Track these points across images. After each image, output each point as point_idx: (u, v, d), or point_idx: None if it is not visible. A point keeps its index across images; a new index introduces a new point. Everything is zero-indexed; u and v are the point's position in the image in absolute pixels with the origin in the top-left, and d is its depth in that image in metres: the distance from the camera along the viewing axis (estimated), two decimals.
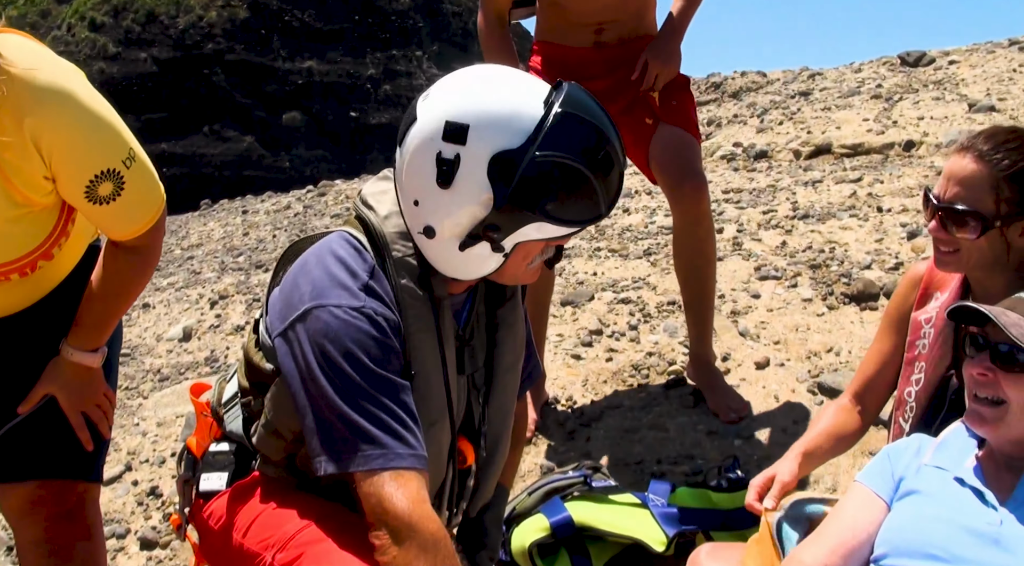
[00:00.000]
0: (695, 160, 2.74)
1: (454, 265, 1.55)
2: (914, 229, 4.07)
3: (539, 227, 1.45)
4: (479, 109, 1.42)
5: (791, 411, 2.83)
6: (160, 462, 3.31)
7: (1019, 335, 1.48)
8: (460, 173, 1.42)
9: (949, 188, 1.73)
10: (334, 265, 1.54)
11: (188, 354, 4.42)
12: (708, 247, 2.84)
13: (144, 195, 1.71)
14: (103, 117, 1.60)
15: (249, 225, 8.30)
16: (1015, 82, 6.39)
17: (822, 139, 6.26)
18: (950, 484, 1.58)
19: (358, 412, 1.46)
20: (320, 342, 1.48)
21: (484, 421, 1.79)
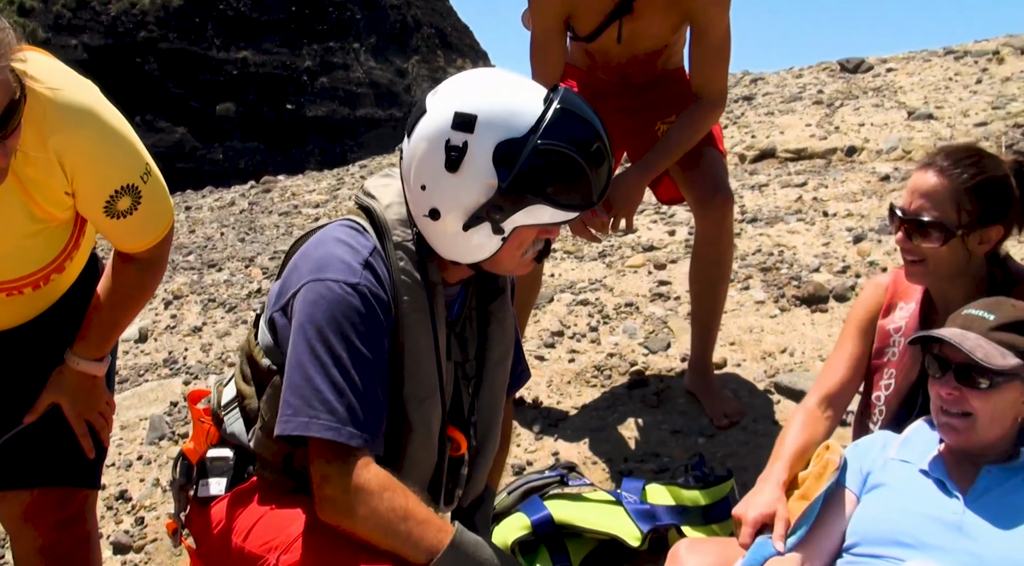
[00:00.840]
0: (724, 175, 2.83)
1: (455, 247, 1.67)
2: (860, 233, 4.24)
3: (537, 211, 1.59)
4: (487, 102, 1.58)
5: (751, 410, 2.96)
6: (127, 465, 3.31)
7: (983, 357, 1.61)
8: (467, 159, 1.57)
9: (914, 201, 1.88)
10: (335, 246, 1.66)
11: (145, 356, 4.40)
12: (725, 262, 2.95)
13: (158, 208, 1.76)
14: (123, 133, 1.64)
15: (194, 222, 8.21)
16: (951, 91, 6.65)
17: (766, 143, 6.45)
18: (915, 476, 1.71)
19: (326, 380, 1.56)
20: (310, 310, 1.59)
21: (474, 412, 1.88)
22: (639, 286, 4.08)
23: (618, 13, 2.67)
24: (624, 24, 2.70)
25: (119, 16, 45.86)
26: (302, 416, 1.56)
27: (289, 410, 1.58)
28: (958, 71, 7.26)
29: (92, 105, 1.58)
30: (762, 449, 2.76)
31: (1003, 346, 1.63)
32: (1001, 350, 1.63)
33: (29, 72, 1.47)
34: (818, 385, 2.07)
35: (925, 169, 1.90)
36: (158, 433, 3.44)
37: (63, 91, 1.54)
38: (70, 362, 1.89)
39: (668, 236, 4.72)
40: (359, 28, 54.08)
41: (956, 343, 1.63)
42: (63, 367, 1.90)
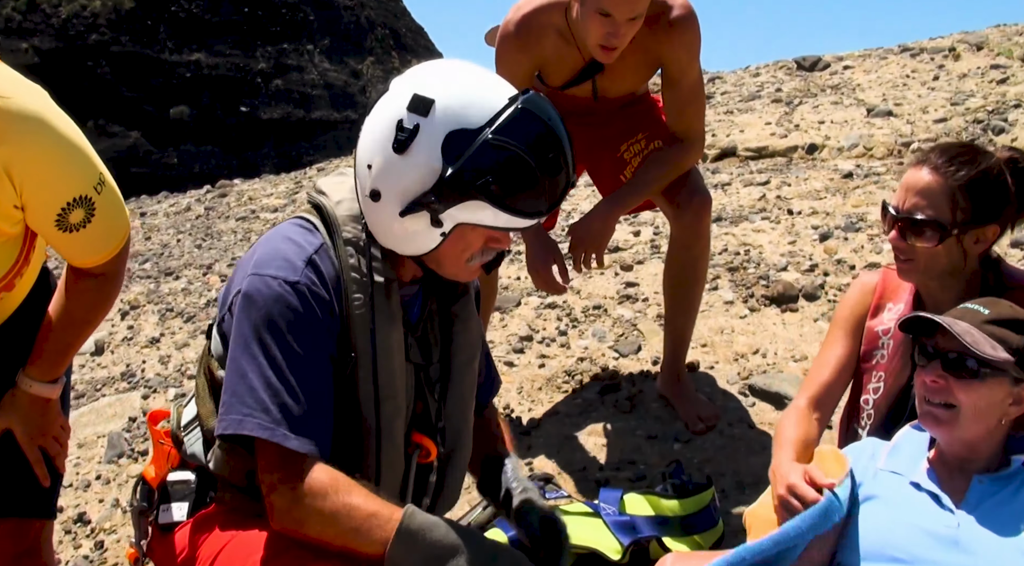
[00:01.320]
0: (699, 177, 2.79)
1: (391, 234, 1.59)
2: (826, 231, 4.23)
3: (479, 209, 1.50)
4: (447, 89, 1.51)
5: (726, 413, 2.92)
6: (85, 486, 3.19)
7: (971, 342, 1.57)
8: (416, 142, 1.49)
9: (908, 199, 1.84)
10: (281, 242, 1.60)
11: (102, 369, 4.27)
12: (701, 265, 2.90)
13: (112, 220, 1.67)
14: (75, 142, 1.55)
15: (149, 228, 8.04)
16: (909, 87, 6.70)
17: (727, 142, 6.44)
18: (906, 488, 1.67)
19: (260, 378, 1.51)
20: (247, 306, 1.54)
21: (441, 417, 1.80)
22: (606, 288, 4.03)
23: (590, 72, 2.64)
24: (597, 80, 2.67)
25: (70, 19, 45.07)
26: (234, 414, 1.51)
27: (223, 409, 1.53)
28: (915, 68, 7.33)
29: (42, 113, 1.49)
30: (739, 453, 2.72)
31: (994, 339, 1.60)
32: (991, 342, 1.59)
33: None
34: (805, 387, 2.03)
35: (919, 166, 1.86)
36: (117, 451, 3.33)
37: (11, 99, 1.44)
38: (22, 384, 1.79)
39: (633, 237, 4.68)
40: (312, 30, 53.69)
41: (946, 325, 1.60)
42: (15, 390, 1.80)
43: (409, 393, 1.72)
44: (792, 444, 1.87)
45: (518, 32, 2.60)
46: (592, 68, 2.61)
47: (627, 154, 2.88)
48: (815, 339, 3.30)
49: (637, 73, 2.68)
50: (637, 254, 4.39)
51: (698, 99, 2.72)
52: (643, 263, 4.25)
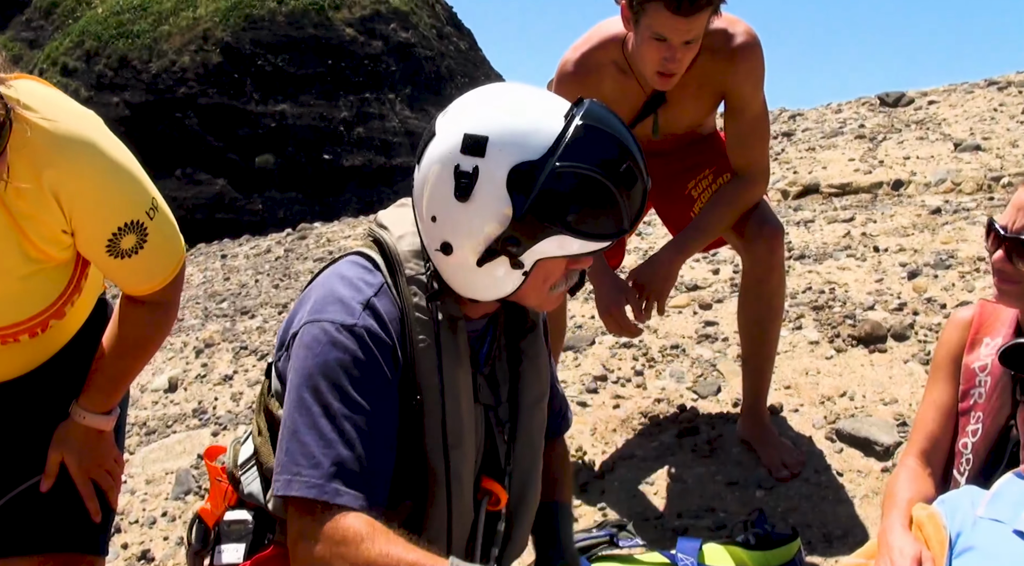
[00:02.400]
0: (768, 208, 2.68)
1: (472, 283, 1.50)
2: (914, 269, 4.03)
3: (559, 241, 1.41)
4: (498, 121, 1.41)
5: (811, 459, 2.75)
6: (151, 523, 3.17)
7: None
8: (479, 186, 1.40)
9: (1019, 219, 1.67)
10: (339, 283, 1.52)
11: (175, 405, 4.28)
12: (777, 300, 2.75)
13: (166, 246, 1.63)
14: (125, 166, 1.52)
15: (229, 270, 8.17)
16: (997, 121, 6.45)
17: (809, 179, 6.27)
18: (1010, 538, 1.51)
19: (312, 431, 1.42)
20: (303, 356, 1.45)
21: (510, 460, 1.70)
22: (684, 327, 3.89)
23: (652, 106, 2.55)
24: (659, 115, 2.58)
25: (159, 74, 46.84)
26: (286, 474, 1.42)
27: (277, 468, 1.45)
28: (1002, 102, 7.07)
29: (91, 136, 1.46)
30: (826, 502, 2.56)
31: None
32: None
33: (23, 101, 1.35)
34: (912, 441, 1.89)
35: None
36: (184, 487, 3.30)
37: (60, 122, 1.42)
38: (75, 416, 1.76)
39: (712, 275, 4.53)
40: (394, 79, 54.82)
41: None
42: (68, 421, 1.76)
43: (479, 437, 1.63)
44: (905, 506, 1.72)
45: (576, 71, 2.52)
46: (654, 102, 2.52)
47: (695, 191, 2.79)
48: (905, 381, 3.11)
49: (699, 104, 2.59)
50: (716, 292, 4.25)
51: (762, 131, 2.61)
52: (722, 302, 4.10)
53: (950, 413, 1.86)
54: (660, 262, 2.54)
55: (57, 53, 45.64)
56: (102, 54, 46.53)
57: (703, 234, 2.60)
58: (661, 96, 2.51)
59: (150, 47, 47.75)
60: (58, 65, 44.29)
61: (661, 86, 2.39)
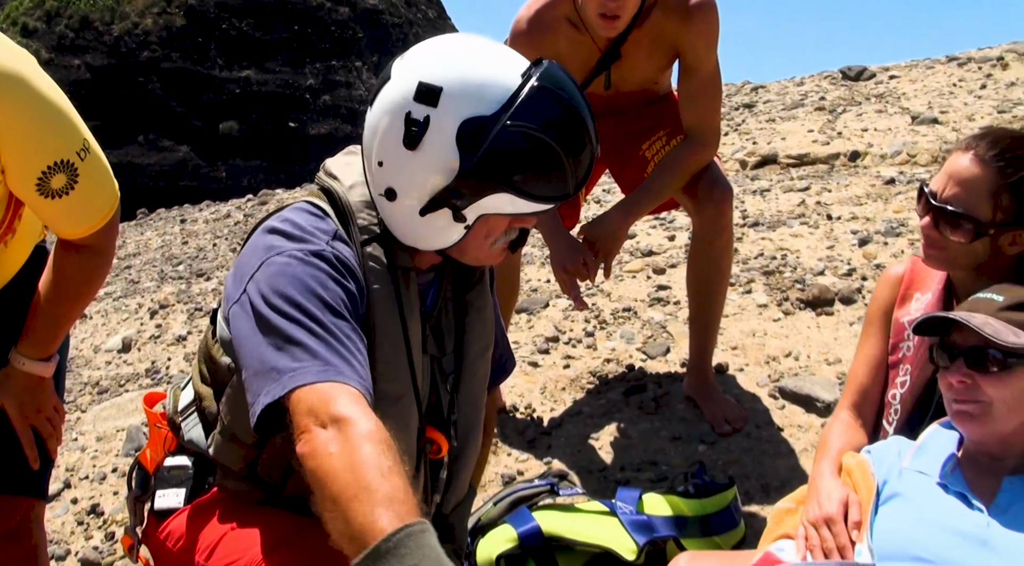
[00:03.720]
0: (719, 170, 2.69)
1: (414, 232, 1.50)
2: (865, 236, 4.10)
3: (503, 199, 1.41)
4: (454, 73, 1.40)
5: (754, 416, 2.81)
6: (101, 478, 3.16)
7: (991, 333, 1.46)
8: (428, 136, 1.39)
9: (948, 187, 1.70)
10: (291, 227, 1.47)
11: (128, 365, 4.26)
12: (725, 261, 2.79)
13: (98, 189, 1.61)
14: (56, 105, 1.50)
15: (188, 234, 8.09)
16: (955, 96, 6.53)
17: (768, 149, 6.31)
18: (933, 488, 1.55)
19: (303, 332, 1.33)
20: (272, 282, 1.38)
21: (454, 410, 1.71)
22: (637, 291, 3.93)
23: (606, 62, 2.56)
24: (612, 70, 2.59)
25: (122, 36, 46.02)
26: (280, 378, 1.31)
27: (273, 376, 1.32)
28: (962, 77, 7.15)
29: (21, 72, 1.44)
30: (766, 456, 2.61)
31: (1014, 325, 1.48)
32: (1013, 329, 1.47)
33: None
34: (845, 394, 1.93)
35: (965, 151, 1.70)
36: (135, 444, 3.29)
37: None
38: (15, 362, 1.75)
39: (668, 241, 4.57)
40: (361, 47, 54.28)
41: (963, 320, 1.48)
42: (8, 368, 1.76)
43: (425, 386, 1.63)
44: (836, 454, 1.77)
45: (530, 29, 2.53)
46: (608, 57, 2.54)
47: (648, 152, 2.80)
48: (850, 342, 3.17)
49: (652, 61, 2.59)
50: (670, 258, 4.29)
51: (713, 93, 2.62)
52: (676, 267, 4.14)
53: (880, 366, 1.90)
54: (609, 221, 2.56)
55: (17, 12, 44.68)
56: (63, 14, 45.60)
57: (653, 195, 2.62)
58: (615, 52, 2.52)
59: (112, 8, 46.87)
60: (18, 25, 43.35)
61: (605, 31, 2.39)
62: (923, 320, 1.59)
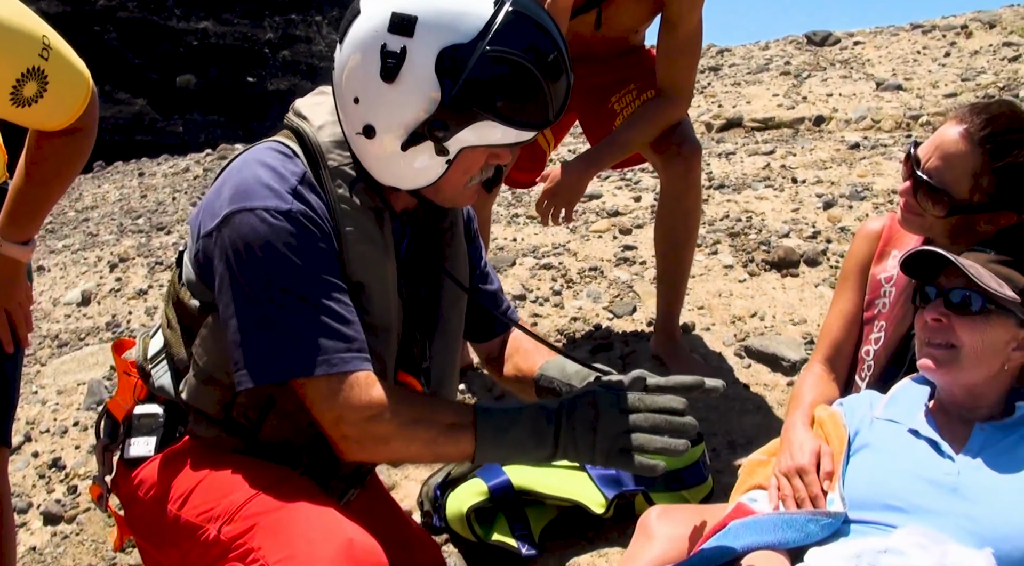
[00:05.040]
0: (689, 127, 2.69)
1: (393, 169, 1.49)
2: (829, 199, 4.14)
3: (486, 128, 1.40)
4: (427, 2, 1.37)
5: (719, 374, 2.83)
6: (62, 432, 3.13)
7: (976, 275, 1.49)
8: (406, 67, 1.37)
9: (932, 158, 1.70)
10: (260, 169, 1.46)
11: (88, 319, 4.20)
12: (692, 219, 2.79)
13: (70, 81, 1.59)
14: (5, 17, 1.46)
15: (146, 188, 7.96)
16: (919, 63, 6.59)
17: (733, 113, 6.34)
18: (904, 436, 1.59)
19: (292, 315, 1.40)
20: (244, 248, 1.41)
21: (427, 357, 1.71)
22: (604, 251, 3.94)
23: (595, 1, 2.54)
24: (602, 10, 2.57)
25: None
26: (281, 360, 1.42)
27: (260, 357, 1.43)
28: (926, 45, 7.21)
29: None
30: (732, 413, 2.65)
31: (1000, 277, 1.51)
32: (997, 279, 1.51)
33: None
34: (818, 349, 1.95)
35: (958, 123, 1.68)
36: (96, 398, 3.26)
37: None
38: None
39: (634, 202, 4.58)
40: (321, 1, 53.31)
41: (952, 258, 1.51)
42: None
43: (398, 330, 1.63)
44: (808, 407, 1.79)
45: None
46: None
47: (618, 105, 2.79)
48: (815, 303, 3.22)
49: (639, 8, 2.58)
50: (637, 218, 4.30)
51: (692, 51, 2.62)
52: (642, 227, 4.16)
53: (855, 321, 1.92)
54: (570, 171, 2.55)
55: None
56: None
57: (618, 149, 2.61)
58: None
59: None
60: None
61: None
62: (913, 254, 1.60)
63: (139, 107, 44.03)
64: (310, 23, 51.69)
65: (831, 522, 1.48)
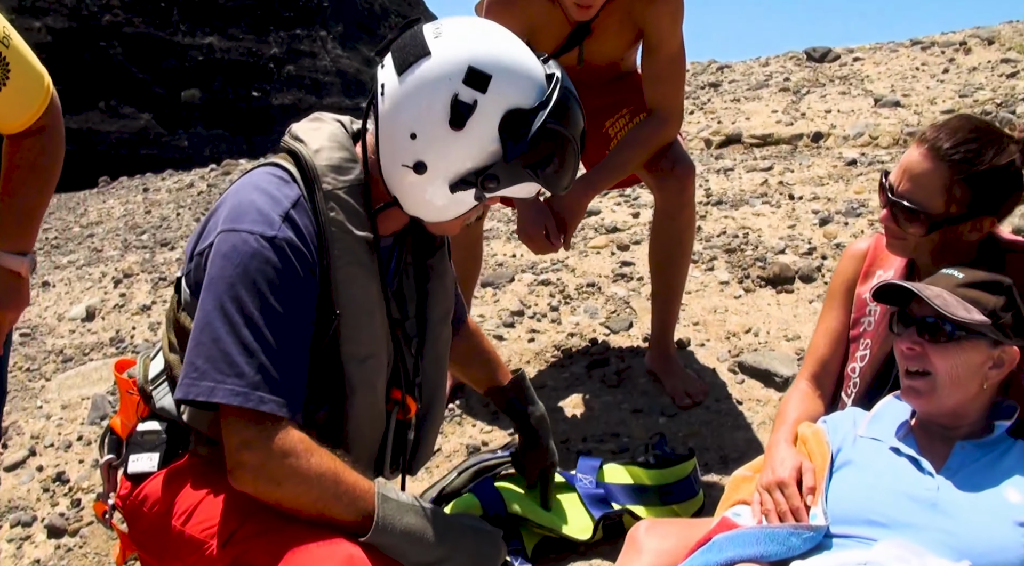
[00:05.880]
0: (681, 147, 2.73)
1: (425, 203, 1.57)
2: (826, 216, 4.18)
3: (527, 187, 1.55)
4: (502, 62, 1.49)
5: (714, 389, 2.87)
6: (66, 446, 3.17)
7: (941, 305, 1.53)
8: (474, 119, 1.47)
9: (903, 182, 1.75)
10: (255, 193, 1.54)
11: (92, 334, 4.25)
12: (687, 237, 2.83)
13: (29, 73, 1.66)
14: None
15: (151, 203, 8.03)
16: (918, 79, 6.63)
17: (732, 129, 6.38)
18: (886, 454, 1.62)
19: (235, 340, 1.46)
20: (221, 264, 1.48)
21: (418, 373, 1.78)
22: (601, 267, 3.99)
23: (577, 37, 2.59)
24: (584, 46, 2.63)
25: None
26: (207, 380, 1.45)
27: (194, 373, 1.47)
28: (925, 61, 7.26)
29: None
30: (725, 428, 2.68)
31: (967, 301, 1.55)
32: (965, 304, 1.54)
33: None
34: (804, 366, 1.99)
35: (920, 145, 1.73)
36: (100, 412, 3.30)
37: None
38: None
39: (632, 218, 4.63)
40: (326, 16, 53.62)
41: (917, 291, 1.55)
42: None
43: (389, 350, 1.69)
44: (793, 424, 1.83)
45: None
46: (579, 33, 2.57)
47: (611, 129, 2.84)
48: (809, 319, 3.25)
49: (621, 38, 2.63)
50: (635, 235, 4.35)
51: (677, 71, 2.67)
52: (640, 244, 4.20)
53: (841, 339, 1.97)
54: (569, 196, 2.59)
55: None
56: None
57: (613, 172, 2.66)
58: (586, 27, 2.56)
59: None
60: None
61: (580, 16, 2.43)
62: (882, 286, 1.65)
63: (144, 122, 44.23)
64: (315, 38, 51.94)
65: (813, 535, 1.52)
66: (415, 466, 1.85)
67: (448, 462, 2.67)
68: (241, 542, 1.48)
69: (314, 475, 1.45)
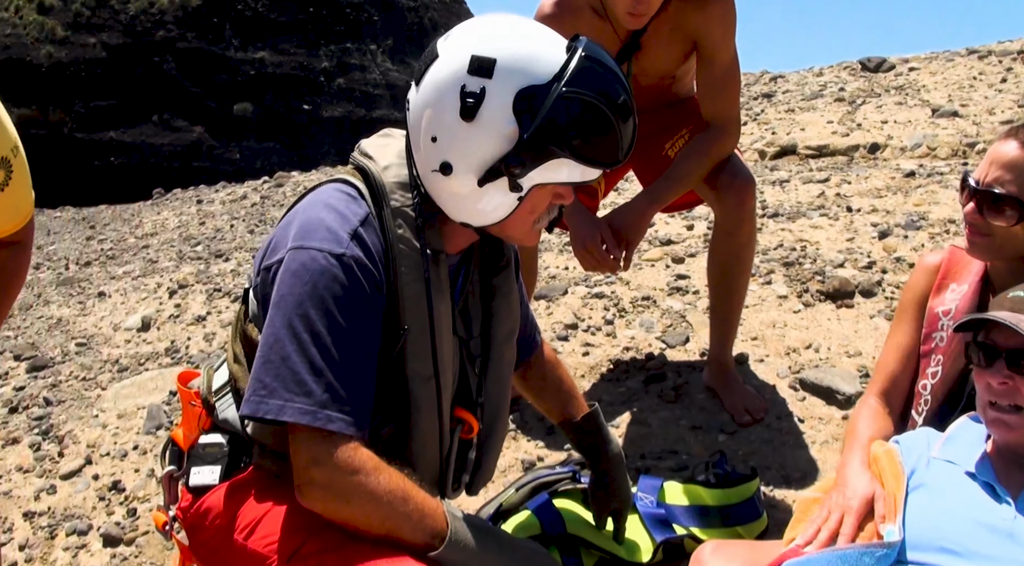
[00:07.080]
0: (740, 161, 2.69)
1: (467, 206, 1.53)
2: (885, 229, 4.09)
3: (559, 166, 1.46)
4: (506, 46, 1.45)
5: (774, 406, 2.81)
6: (122, 455, 3.19)
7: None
8: (485, 106, 1.43)
9: (991, 172, 1.71)
10: (324, 210, 1.52)
11: (147, 345, 4.29)
12: (746, 251, 2.77)
13: (26, 184, 1.72)
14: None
15: (205, 215, 8.13)
16: (975, 89, 6.50)
17: (787, 140, 6.31)
18: (961, 479, 1.56)
19: (304, 358, 1.44)
20: (291, 282, 1.47)
21: (481, 392, 1.75)
22: (656, 280, 3.94)
23: (627, 53, 2.56)
24: (633, 62, 2.59)
25: (138, 15, 46.02)
26: (276, 399, 1.43)
27: (263, 391, 1.45)
28: (982, 70, 7.12)
29: None
30: (786, 447, 2.62)
31: None
32: None
33: None
34: (873, 381, 1.93)
35: (1007, 139, 1.72)
36: (156, 422, 3.32)
37: None
38: None
39: (686, 231, 4.57)
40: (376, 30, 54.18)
41: (1011, 325, 1.48)
42: None
43: (455, 368, 1.67)
44: (866, 443, 1.77)
45: (554, 12, 2.53)
46: (630, 47, 2.54)
47: (671, 151, 2.81)
48: (870, 335, 3.17)
49: (671, 51, 2.59)
50: (689, 247, 4.29)
51: (733, 81, 2.62)
52: (695, 256, 4.15)
53: (912, 355, 1.90)
54: (633, 210, 2.56)
55: None
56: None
57: (676, 184, 2.62)
58: (636, 43, 2.52)
59: None
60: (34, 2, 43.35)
61: (631, 24, 2.40)
62: (966, 321, 1.59)
63: (197, 134, 44.97)
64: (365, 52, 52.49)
65: (887, 553, 1.46)
66: (476, 486, 1.82)
67: (503, 476, 2.64)
68: (305, 558, 1.46)
69: (383, 493, 1.43)
